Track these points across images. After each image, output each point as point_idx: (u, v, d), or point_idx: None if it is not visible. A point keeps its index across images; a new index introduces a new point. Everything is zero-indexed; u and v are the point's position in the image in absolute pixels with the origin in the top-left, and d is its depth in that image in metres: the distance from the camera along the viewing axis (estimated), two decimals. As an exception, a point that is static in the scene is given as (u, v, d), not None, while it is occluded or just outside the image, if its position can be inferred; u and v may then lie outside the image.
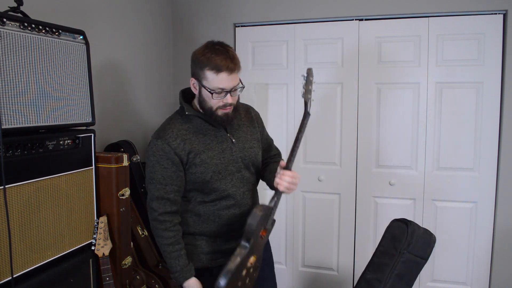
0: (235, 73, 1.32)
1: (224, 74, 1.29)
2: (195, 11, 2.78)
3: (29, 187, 1.30)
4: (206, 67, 1.30)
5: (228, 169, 1.42)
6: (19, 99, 1.25)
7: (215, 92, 1.31)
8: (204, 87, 1.32)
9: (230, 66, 1.29)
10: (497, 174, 2.35)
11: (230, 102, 1.34)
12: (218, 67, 1.28)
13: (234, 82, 1.33)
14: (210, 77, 1.30)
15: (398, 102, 2.48)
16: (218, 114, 1.36)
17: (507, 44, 2.25)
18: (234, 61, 1.32)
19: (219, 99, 1.33)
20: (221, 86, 1.30)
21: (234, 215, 1.45)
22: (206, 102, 1.35)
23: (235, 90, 1.34)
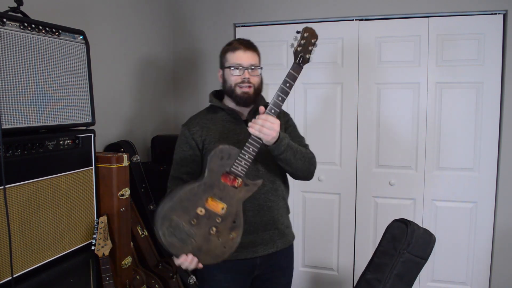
0: (251, 52, 1.47)
1: (240, 51, 1.46)
2: (195, 11, 2.78)
3: (29, 187, 1.30)
4: (227, 52, 1.50)
5: None
6: (19, 99, 1.25)
7: (233, 67, 1.45)
8: (225, 68, 1.49)
9: (245, 45, 1.47)
10: (497, 174, 2.35)
11: (247, 77, 1.45)
12: (235, 47, 1.47)
13: (250, 60, 1.46)
14: (229, 57, 1.48)
15: (398, 102, 2.48)
16: (237, 93, 1.46)
17: (507, 44, 2.25)
18: (250, 43, 1.50)
19: (238, 76, 1.45)
20: (238, 62, 1.45)
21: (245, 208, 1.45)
22: (227, 82, 1.49)
23: (253, 68, 1.46)
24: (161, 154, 2.47)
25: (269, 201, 1.49)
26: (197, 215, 1.28)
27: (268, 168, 1.50)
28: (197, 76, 2.84)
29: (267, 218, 1.49)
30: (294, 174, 1.50)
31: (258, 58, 1.52)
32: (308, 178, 1.54)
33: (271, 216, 1.50)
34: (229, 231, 1.31)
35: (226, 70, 1.49)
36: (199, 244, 1.28)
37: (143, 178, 2.16)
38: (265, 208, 1.48)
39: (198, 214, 1.28)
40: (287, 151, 1.38)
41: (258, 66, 1.49)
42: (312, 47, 1.36)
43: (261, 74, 1.52)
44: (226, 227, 1.31)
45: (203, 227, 1.28)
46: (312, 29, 1.37)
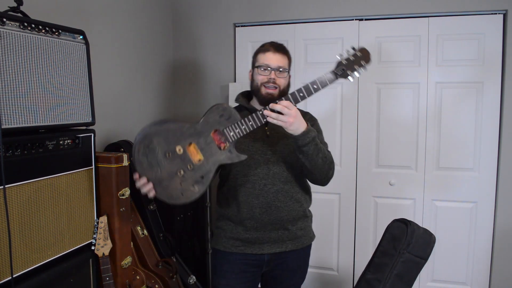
0: (281, 55, 1.51)
1: (270, 53, 1.50)
2: (195, 11, 2.78)
3: (29, 187, 1.30)
4: (258, 53, 1.55)
5: (255, 158, 1.49)
6: (19, 99, 1.25)
7: (261, 67, 1.50)
8: (254, 68, 1.54)
9: (276, 47, 1.52)
10: (497, 174, 2.35)
11: (273, 77, 1.48)
12: (267, 48, 1.53)
13: (279, 63, 1.50)
14: (260, 57, 1.53)
15: (398, 102, 2.48)
16: (262, 93, 1.50)
17: (507, 44, 2.25)
18: (282, 47, 1.55)
19: (264, 75, 1.49)
20: (266, 62, 1.49)
21: (252, 205, 1.50)
22: (254, 81, 1.53)
23: (280, 71, 1.50)
24: (161, 154, 2.47)
25: (278, 201, 1.51)
26: (174, 151, 1.32)
27: (280, 170, 1.51)
28: (197, 76, 2.84)
29: (274, 217, 1.51)
30: (311, 173, 1.49)
31: (288, 62, 1.56)
32: (323, 181, 1.53)
33: (279, 216, 1.51)
34: (193, 182, 1.34)
35: (255, 70, 1.54)
36: (163, 176, 1.32)
37: (143, 178, 2.16)
38: (273, 207, 1.50)
39: (175, 151, 1.32)
40: (311, 144, 1.37)
41: (286, 69, 1.53)
42: (358, 67, 1.36)
43: (289, 78, 1.56)
44: (192, 178, 1.33)
45: (173, 165, 1.32)
46: (368, 52, 1.37)
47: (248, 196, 1.50)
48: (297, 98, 1.33)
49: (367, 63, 1.36)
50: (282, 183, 1.51)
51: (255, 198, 1.50)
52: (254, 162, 1.50)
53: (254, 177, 1.50)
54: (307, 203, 1.63)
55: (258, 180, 1.50)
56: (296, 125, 1.33)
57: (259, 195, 1.49)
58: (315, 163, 1.42)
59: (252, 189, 1.50)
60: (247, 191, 1.50)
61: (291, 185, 1.53)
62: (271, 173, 1.50)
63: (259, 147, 1.51)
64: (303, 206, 1.58)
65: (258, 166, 1.50)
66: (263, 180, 1.50)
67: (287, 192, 1.52)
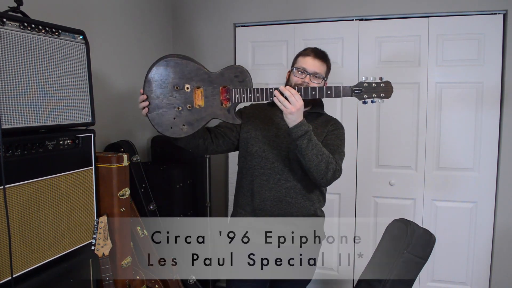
0: (320, 61, 1.55)
1: (309, 58, 1.55)
2: (195, 11, 2.78)
3: (29, 187, 1.30)
4: (299, 56, 1.60)
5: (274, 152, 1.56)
6: (19, 99, 1.25)
7: (297, 70, 1.54)
8: (293, 69, 1.57)
9: (316, 53, 1.56)
10: (497, 174, 2.35)
11: (307, 81, 1.52)
12: (307, 53, 1.57)
13: (316, 68, 1.54)
14: (299, 60, 1.58)
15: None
16: None
17: (507, 44, 2.25)
18: (323, 54, 1.59)
19: (300, 78, 1.53)
20: (304, 66, 1.54)
21: (265, 197, 1.56)
22: (289, 81, 1.57)
23: (316, 76, 1.53)
24: (161, 154, 2.47)
25: (290, 197, 1.55)
26: (183, 87, 1.36)
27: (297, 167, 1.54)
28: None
29: (284, 212, 1.55)
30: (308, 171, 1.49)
31: (326, 70, 1.59)
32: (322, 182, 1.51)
33: (289, 212, 1.55)
34: (184, 122, 1.38)
35: (292, 71, 1.57)
36: (162, 104, 1.37)
37: (143, 178, 2.16)
38: (284, 202, 1.55)
39: (184, 87, 1.36)
40: (304, 138, 1.39)
41: (322, 76, 1.56)
42: (375, 96, 1.41)
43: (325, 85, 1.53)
44: (186, 118, 1.38)
45: (176, 99, 1.37)
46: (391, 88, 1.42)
47: (262, 188, 1.56)
48: (308, 94, 1.37)
49: (386, 97, 1.40)
50: (296, 180, 1.55)
51: (268, 191, 1.55)
52: (272, 156, 1.55)
53: (270, 171, 1.55)
54: (319, 203, 1.65)
55: (273, 174, 1.55)
56: (295, 116, 1.36)
57: (272, 188, 1.55)
58: (309, 159, 1.41)
59: (266, 181, 1.56)
60: (262, 183, 1.56)
61: (305, 183, 1.56)
62: (287, 169, 1.55)
63: (280, 142, 1.56)
64: (314, 206, 1.61)
65: (276, 160, 1.55)
66: (277, 175, 1.55)
67: (299, 190, 1.56)
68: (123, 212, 1.70)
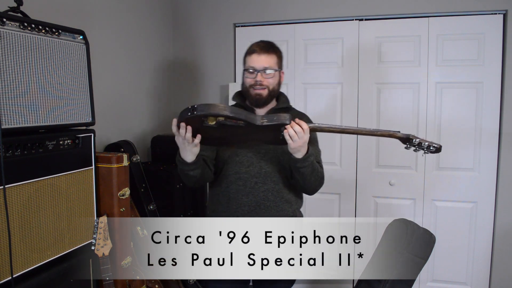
0: (266, 55, 1.50)
1: (255, 55, 1.50)
2: (195, 11, 2.78)
3: (29, 187, 1.30)
4: (246, 55, 1.55)
5: (248, 155, 1.51)
6: (19, 99, 1.25)
7: (247, 71, 1.51)
8: (244, 70, 1.55)
9: (261, 47, 1.51)
10: (497, 174, 2.35)
11: (259, 79, 1.49)
12: (252, 50, 1.52)
13: (264, 63, 1.49)
14: (247, 59, 1.54)
15: (398, 102, 2.48)
16: (251, 94, 1.51)
17: (507, 44, 2.25)
18: (268, 45, 1.53)
19: (251, 78, 1.50)
20: (252, 65, 1.50)
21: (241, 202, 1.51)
22: (243, 84, 1.55)
23: (266, 71, 1.49)
24: (161, 154, 2.47)
25: (268, 201, 1.51)
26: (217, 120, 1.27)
27: (273, 169, 1.52)
28: (197, 75, 2.84)
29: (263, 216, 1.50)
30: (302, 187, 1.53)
31: (277, 60, 1.54)
32: (311, 193, 1.57)
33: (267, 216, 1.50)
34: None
35: (243, 73, 1.56)
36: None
37: (143, 178, 2.16)
38: (262, 206, 1.50)
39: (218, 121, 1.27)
40: (309, 167, 1.42)
41: (273, 68, 1.51)
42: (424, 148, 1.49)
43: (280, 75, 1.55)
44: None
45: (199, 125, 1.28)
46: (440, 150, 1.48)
47: (238, 194, 1.51)
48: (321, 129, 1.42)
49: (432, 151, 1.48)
50: (273, 182, 1.52)
51: (245, 196, 1.51)
52: (247, 160, 1.51)
53: (245, 175, 1.51)
54: (297, 204, 1.62)
55: (249, 178, 1.51)
56: (301, 149, 1.37)
57: (249, 193, 1.51)
58: (308, 181, 1.46)
59: (243, 186, 1.51)
60: (238, 188, 1.52)
61: (282, 185, 1.54)
62: (263, 171, 1.51)
63: (252, 144, 1.52)
64: (293, 207, 1.58)
65: (251, 164, 1.51)
66: (254, 178, 1.51)
67: (277, 192, 1.53)
68: (123, 212, 1.70)
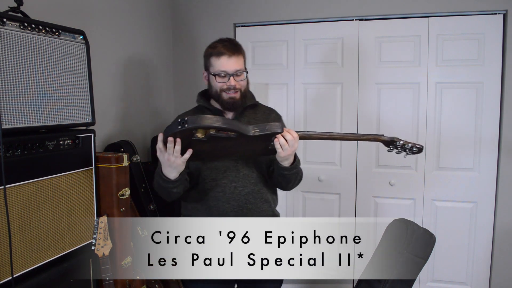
0: (236, 57, 1.44)
1: (225, 57, 1.43)
2: (195, 11, 2.78)
3: (29, 187, 1.30)
4: (211, 56, 1.46)
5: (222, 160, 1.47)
6: (19, 99, 1.25)
7: (218, 75, 1.44)
8: (211, 74, 1.46)
9: (230, 50, 1.44)
10: (497, 174, 2.35)
11: (233, 84, 1.43)
12: (220, 52, 1.44)
13: (236, 66, 1.44)
14: (214, 62, 1.45)
15: (398, 102, 2.48)
16: (224, 98, 1.46)
17: (507, 44, 2.25)
18: (235, 47, 1.47)
19: (223, 82, 1.44)
20: (223, 69, 1.43)
21: (223, 209, 1.46)
22: (213, 87, 1.48)
23: (238, 74, 1.44)
24: (161, 154, 2.46)
25: (249, 203, 1.48)
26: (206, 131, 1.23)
27: (250, 171, 1.49)
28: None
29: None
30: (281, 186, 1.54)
31: (244, 60, 1.49)
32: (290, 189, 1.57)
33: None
34: None
35: (211, 76, 1.47)
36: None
37: (143, 178, 2.16)
38: (244, 210, 1.47)
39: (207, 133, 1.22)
40: (295, 173, 1.43)
41: (244, 70, 1.47)
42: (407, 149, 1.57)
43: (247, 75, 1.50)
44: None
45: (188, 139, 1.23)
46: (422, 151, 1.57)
47: (218, 201, 1.46)
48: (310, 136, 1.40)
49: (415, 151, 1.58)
50: (252, 184, 1.49)
51: (226, 203, 1.46)
52: (222, 165, 1.46)
53: (224, 181, 1.46)
54: (274, 202, 1.61)
55: (228, 183, 1.46)
56: (289, 157, 1.36)
57: (230, 198, 1.46)
58: (292, 183, 1.49)
59: (222, 193, 1.46)
60: (217, 196, 1.47)
61: (261, 185, 1.52)
62: (241, 175, 1.47)
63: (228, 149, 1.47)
64: (271, 206, 1.58)
65: (227, 169, 1.47)
66: (233, 183, 1.46)
67: (257, 193, 1.50)
68: (123, 212, 1.70)
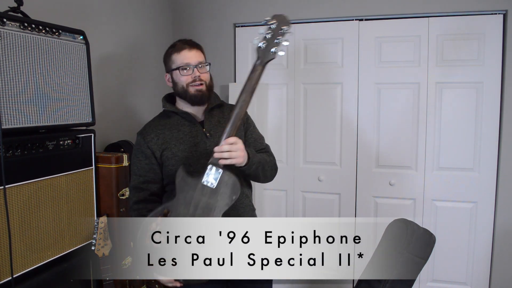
0: (196, 50, 1.46)
1: (186, 50, 1.44)
2: (195, 11, 2.78)
3: (29, 187, 1.30)
4: (172, 54, 1.46)
5: (200, 162, 1.41)
6: (19, 99, 1.25)
7: (182, 68, 1.43)
8: (173, 70, 1.45)
9: (190, 44, 1.46)
10: (497, 174, 2.35)
11: (197, 74, 1.43)
12: (179, 47, 1.45)
13: (198, 58, 1.45)
14: (175, 58, 1.45)
15: (398, 102, 2.48)
16: (191, 92, 1.44)
17: (507, 44, 2.25)
18: (194, 43, 1.49)
19: (188, 75, 1.43)
20: (186, 61, 1.43)
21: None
22: (178, 84, 1.46)
23: (201, 66, 1.45)
24: (161, 154, 2.46)
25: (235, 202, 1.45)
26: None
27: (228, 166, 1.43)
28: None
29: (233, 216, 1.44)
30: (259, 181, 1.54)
31: (204, 55, 1.51)
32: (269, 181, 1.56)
33: (237, 214, 1.46)
34: None
35: (174, 73, 1.46)
36: None
37: (143, 178, 2.16)
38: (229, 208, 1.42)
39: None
40: (258, 168, 1.41)
41: (206, 63, 1.49)
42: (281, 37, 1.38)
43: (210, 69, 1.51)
44: None
45: None
46: (283, 16, 1.39)
47: None
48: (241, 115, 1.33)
49: (287, 26, 1.37)
50: None
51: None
52: (201, 167, 1.41)
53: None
54: (251, 195, 1.61)
55: None
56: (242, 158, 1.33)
57: None
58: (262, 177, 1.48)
59: None
60: None
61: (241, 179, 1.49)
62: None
63: (202, 150, 1.45)
64: (250, 200, 1.58)
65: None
66: None
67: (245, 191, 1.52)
68: (123, 212, 1.71)
